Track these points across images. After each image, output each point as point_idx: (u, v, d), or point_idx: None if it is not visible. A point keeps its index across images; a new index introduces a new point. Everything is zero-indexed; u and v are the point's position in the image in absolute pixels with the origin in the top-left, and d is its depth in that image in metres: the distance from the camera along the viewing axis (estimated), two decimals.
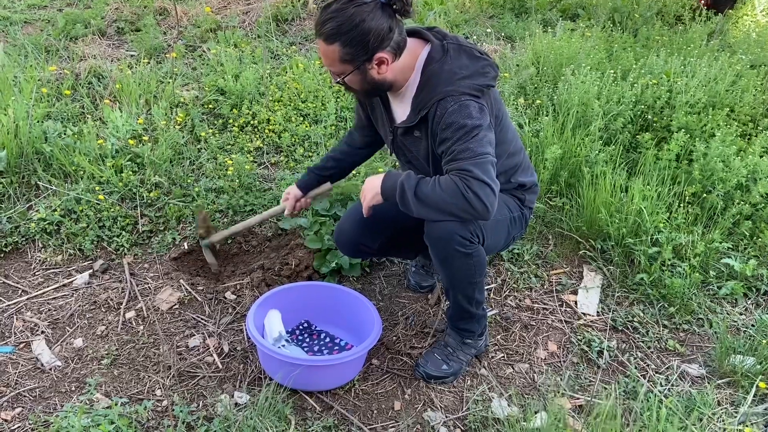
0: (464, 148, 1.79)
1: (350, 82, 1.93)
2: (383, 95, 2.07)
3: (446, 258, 1.97)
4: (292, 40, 4.51)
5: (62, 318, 2.43)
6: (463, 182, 1.77)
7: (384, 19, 1.80)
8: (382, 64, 1.86)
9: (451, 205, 1.80)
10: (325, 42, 1.83)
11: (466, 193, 1.76)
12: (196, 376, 2.21)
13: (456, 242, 1.92)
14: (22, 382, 2.14)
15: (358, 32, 1.78)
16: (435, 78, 1.89)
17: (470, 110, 1.83)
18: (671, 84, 3.33)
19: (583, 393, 2.23)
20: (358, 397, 2.17)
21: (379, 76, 1.90)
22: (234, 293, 2.58)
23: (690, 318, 2.56)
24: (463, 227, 1.91)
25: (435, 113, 1.87)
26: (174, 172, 3.06)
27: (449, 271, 2.02)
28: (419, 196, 1.83)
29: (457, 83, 1.86)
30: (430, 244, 1.98)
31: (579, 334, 2.47)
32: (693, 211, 2.84)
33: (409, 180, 1.85)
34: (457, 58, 1.91)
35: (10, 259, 2.69)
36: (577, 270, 2.80)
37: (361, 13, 1.77)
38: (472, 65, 1.91)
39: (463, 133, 1.81)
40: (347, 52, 1.82)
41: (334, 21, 1.78)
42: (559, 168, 2.98)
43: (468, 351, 2.27)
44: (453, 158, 1.81)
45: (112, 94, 3.56)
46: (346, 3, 1.78)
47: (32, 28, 4.47)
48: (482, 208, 1.77)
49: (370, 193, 1.95)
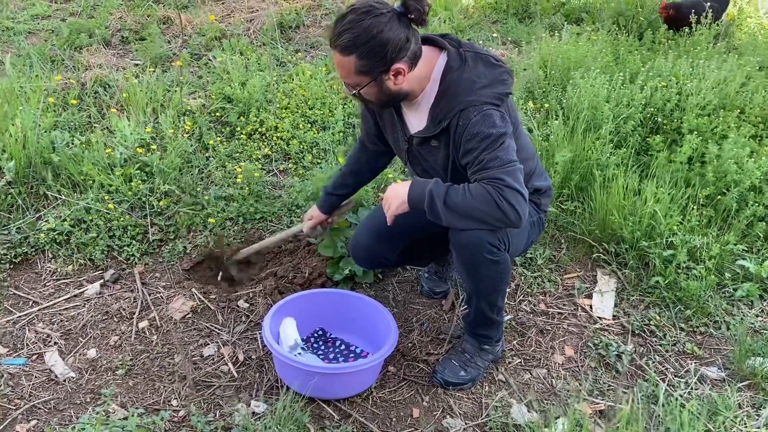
0: (493, 157, 1.78)
1: (366, 94, 1.90)
2: (396, 105, 2.06)
3: (473, 265, 1.95)
4: (296, 48, 4.50)
5: (75, 329, 2.40)
6: (496, 191, 1.75)
7: (401, 30, 1.79)
8: (398, 75, 1.84)
9: (484, 214, 1.78)
10: (341, 53, 1.80)
11: (499, 202, 1.75)
12: (212, 386, 2.18)
13: (485, 250, 1.90)
14: (36, 394, 2.12)
15: (376, 43, 1.76)
16: (454, 87, 1.87)
17: (494, 119, 1.82)
18: (680, 86, 3.33)
19: (603, 398, 2.21)
20: (376, 405, 2.15)
21: (395, 87, 1.88)
22: (247, 301, 2.56)
23: (707, 320, 2.54)
24: (491, 234, 1.89)
25: (457, 124, 1.85)
26: (183, 180, 3.05)
27: (475, 279, 2.00)
28: (449, 204, 1.81)
29: (478, 92, 1.84)
30: (457, 251, 1.95)
31: (596, 338, 2.45)
32: (707, 214, 2.82)
33: (438, 188, 1.83)
34: (474, 66, 1.89)
35: (20, 270, 2.67)
36: (591, 274, 2.79)
37: (378, 24, 1.75)
38: (490, 73, 1.90)
39: (489, 142, 1.79)
40: (364, 63, 1.80)
41: (350, 32, 1.76)
42: (570, 171, 2.97)
43: (486, 357, 2.25)
44: (482, 168, 1.79)
45: (118, 103, 3.55)
46: (363, 14, 1.76)
47: (36, 38, 4.46)
48: (515, 216, 1.76)
49: (395, 202, 1.91)
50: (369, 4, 1.78)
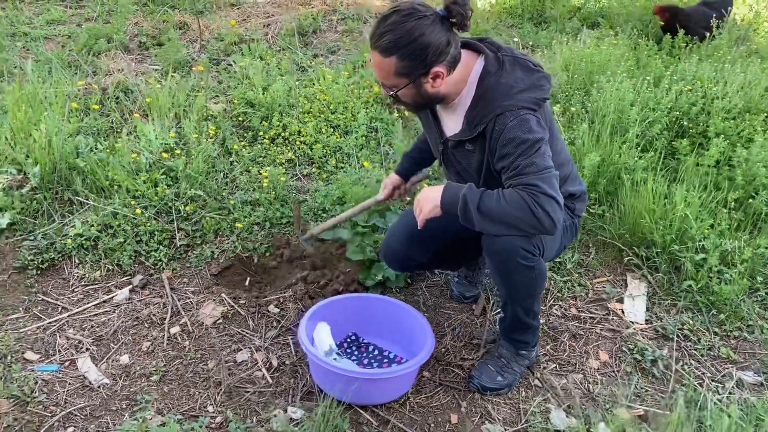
0: (529, 163, 1.77)
1: (403, 96, 1.90)
2: (432, 108, 2.05)
3: (507, 271, 1.94)
4: (315, 52, 4.50)
5: (106, 335, 2.39)
6: (531, 197, 1.74)
7: (443, 33, 1.78)
8: (437, 78, 1.84)
9: (518, 220, 1.77)
10: (381, 55, 1.80)
11: (534, 209, 1.73)
12: (247, 392, 2.17)
13: (519, 255, 1.89)
14: (72, 401, 2.10)
15: (417, 46, 1.76)
16: (492, 92, 1.86)
17: (530, 124, 1.80)
18: (705, 90, 3.32)
19: (641, 403, 2.19)
20: (414, 411, 2.13)
21: (432, 90, 1.87)
22: (277, 306, 2.54)
23: (741, 325, 2.52)
24: (526, 240, 1.88)
25: (494, 128, 1.84)
26: (208, 185, 3.04)
27: (510, 284, 1.99)
28: (482, 209, 1.80)
29: (515, 97, 1.83)
30: (491, 257, 1.94)
31: (630, 342, 2.44)
32: (736, 217, 2.81)
33: (471, 193, 1.82)
34: (512, 71, 1.88)
35: (48, 275, 2.66)
36: (621, 278, 2.77)
37: (420, 26, 1.75)
38: (527, 78, 1.88)
39: (525, 147, 1.78)
40: (404, 65, 1.80)
41: (392, 33, 1.75)
42: (597, 175, 2.95)
43: (522, 362, 2.23)
44: (518, 173, 1.78)
45: (141, 108, 3.54)
46: (406, 15, 1.75)
47: (53, 44, 4.46)
48: (550, 223, 1.75)
49: (428, 206, 1.90)
50: (412, 6, 1.77)
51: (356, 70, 4.02)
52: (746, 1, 5.25)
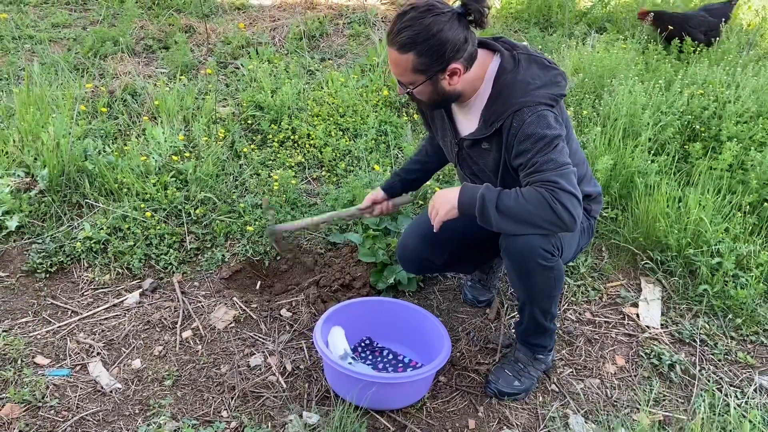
0: (547, 159, 1.75)
1: (419, 93, 1.88)
2: (447, 106, 2.03)
3: (527, 272, 1.91)
4: (322, 56, 4.48)
5: (117, 339, 2.36)
6: (550, 194, 1.72)
7: (460, 30, 1.77)
8: (454, 75, 1.83)
9: (538, 218, 1.75)
10: (399, 51, 1.78)
11: (554, 205, 1.71)
12: (261, 396, 2.14)
13: (539, 256, 1.86)
14: (84, 406, 2.07)
15: (435, 42, 1.75)
16: (508, 89, 1.84)
17: (548, 120, 1.79)
18: (717, 94, 3.31)
19: (661, 408, 2.16)
20: (431, 416, 2.10)
21: (449, 87, 1.86)
22: (289, 310, 2.52)
23: (757, 329, 2.50)
24: (545, 240, 1.86)
25: (511, 125, 1.82)
26: (218, 188, 3.01)
27: (528, 286, 1.96)
28: (501, 209, 1.77)
29: (532, 93, 1.82)
30: (510, 258, 1.92)
31: (646, 347, 2.41)
32: (750, 221, 2.79)
33: (489, 192, 1.80)
34: (528, 68, 1.87)
35: (56, 279, 2.63)
36: (635, 282, 2.75)
37: (438, 22, 1.74)
38: (544, 75, 1.88)
39: (544, 144, 1.77)
40: (422, 62, 1.79)
41: (410, 29, 1.74)
42: (610, 179, 2.94)
43: (538, 366, 2.21)
44: (536, 170, 1.76)
45: (149, 111, 3.52)
46: (424, 11, 1.74)
47: (59, 47, 4.44)
48: (570, 219, 1.73)
49: (444, 207, 1.88)
50: (430, 2, 1.76)
51: (365, 74, 4.00)
52: (752, 7, 5.25)
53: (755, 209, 2.87)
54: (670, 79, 3.55)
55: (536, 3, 5.13)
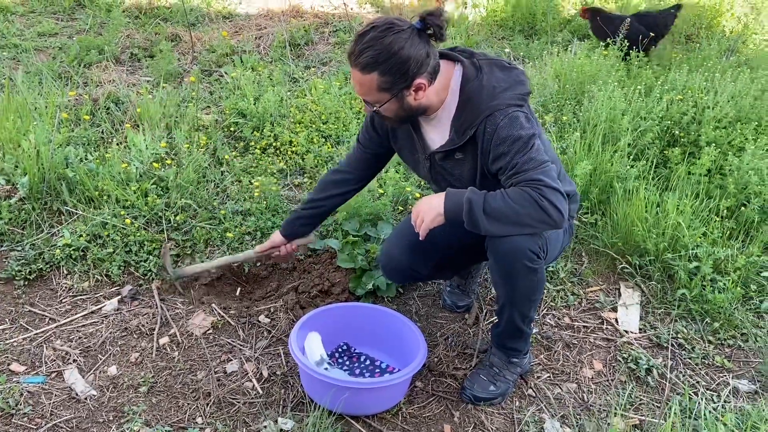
0: (527, 159, 1.77)
1: (385, 111, 1.90)
2: (414, 123, 2.04)
3: (511, 274, 1.91)
4: (307, 64, 4.50)
5: (94, 346, 2.35)
6: (536, 192, 1.73)
7: (421, 45, 1.79)
8: (419, 90, 1.84)
9: (526, 217, 1.76)
10: (362, 71, 1.80)
11: (541, 202, 1.73)
12: (237, 403, 2.13)
13: (526, 257, 1.86)
14: (58, 413, 2.06)
15: (397, 60, 1.77)
16: (476, 96, 1.86)
17: (521, 121, 1.81)
18: (696, 100, 3.34)
19: (636, 412, 2.17)
20: (406, 421, 2.10)
21: (415, 103, 1.88)
22: (268, 316, 2.51)
23: (735, 333, 2.51)
24: (532, 241, 1.86)
25: (485, 130, 1.84)
26: (199, 195, 3.01)
27: (511, 288, 1.96)
28: (489, 211, 1.78)
29: (500, 96, 1.84)
30: (496, 259, 1.92)
31: (624, 351, 2.42)
32: (728, 226, 2.81)
33: (475, 196, 1.80)
34: (491, 72, 1.90)
35: (35, 286, 2.62)
36: (614, 287, 2.76)
37: (399, 40, 1.75)
38: (507, 76, 1.90)
39: (521, 144, 1.78)
40: (386, 80, 1.80)
41: (372, 49, 1.76)
42: (589, 184, 2.95)
43: (514, 370, 2.21)
44: (517, 171, 1.78)
45: (132, 119, 3.52)
46: (384, 31, 1.76)
47: (44, 56, 4.44)
48: (557, 215, 1.75)
49: (429, 215, 1.86)
50: (389, 21, 1.78)
51: (348, 81, 4.02)
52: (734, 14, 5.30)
53: (733, 214, 2.89)
54: (650, 85, 3.57)
55: (521, 11, 5.16)
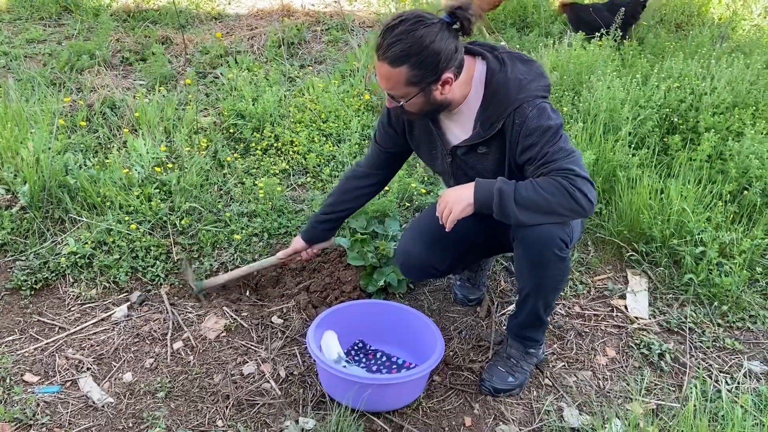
0: (557, 149, 1.79)
1: (411, 105, 1.89)
2: (434, 118, 2.04)
3: (541, 263, 1.91)
4: (302, 63, 4.48)
5: (107, 353, 2.33)
6: (567, 181, 1.75)
7: (451, 39, 1.79)
8: (446, 85, 1.85)
9: (557, 206, 1.77)
10: (391, 65, 1.79)
11: (573, 192, 1.74)
12: (256, 404, 2.13)
13: (555, 246, 1.86)
14: (76, 422, 2.05)
15: (429, 53, 1.77)
16: (503, 88, 1.87)
17: (548, 111, 1.84)
18: (693, 87, 3.37)
19: (653, 397, 2.19)
20: (427, 415, 2.10)
21: (441, 97, 1.88)
22: (280, 317, 2.51)
23: (743, 315, 2.54)
24: (562, 230, 1.86)
25: (513, 122, 1.85)
26: (203, 198, 2.99)
27: (540, 277, 1.96)
28: (520, 201, 1.78)
29: (526, 88, 1.85)
30: (525, 248, 1.91)
31: (636, 338, 2.44)
32: (731, 210, 2.84)
33: (506, 185, 1.80)
34: (514, 66, 1.90)
35: (42, 296, 2.59)
36: (621, 275, 2.78)
37: (430, 34, 1.75)
38: (529, 69, 1.91)
39: (550, 134, 1.80)
40: (415, 74, 1.80)
41: (402, 43, 1.75)
42: (593, 174, 2.97)
43: (531, 361, 2.22)
44: (547, 160, 1.79)
45: (129, 124, 3.49)
46: (414, 24, 1.76)
47: (34, 63, 4.39)
48: (588, 204, 1.77)
49: (459, 206, 1.85)
50: (418, 14, 1.78)
51: (345, 79, 4.01)
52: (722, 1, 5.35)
53: (735, 198, 2.92)
54: (646, 73, 3.60)
55: (511, 4, 5.17)
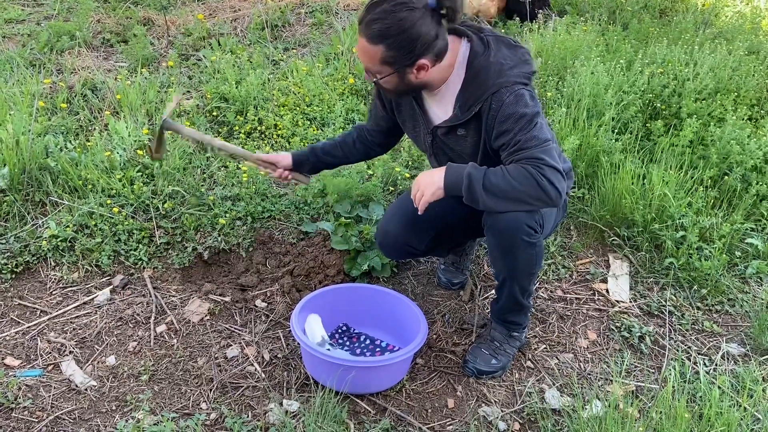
0: (530, 137, 1.78)
1: (385, 83, 1.89)
2: (417, 97, 2.04)
3: (510, 249, 1.93)
4: (286, 46, 4.44)
5: (89, 336, 2.32)
6: (536, 170, 1.75)
7: (432, 26, 1.77)
8: (421, 70, 1.84)
9: (524, 194, 1.78)
10: (369, 42, 1.79)
11: (540, 180, 1.74)
12: (240, 387, 2.13)
13: (523, 232, 1.88)
14: (59, 405, 2.04)
15: (406, 37, 1.76)
16: (483, 72, 1.86)
17: (526, 99, 1.82)
18: (676, 72, 3.39)
19: (632, 378, 2.22)
20: (410, 397, 2.12)
21: (417, 80, 1.88)
22: (264, 300, 2.51)
23: (722, 299, 2.58)
24: (529, 217, 1.88)
25: (490, 107, 1.84)
26: (186, 181, 2.97)
27: (511, 262, 1.99)
28: (488, 187, 1.79)
29: (507, 74, 1.84)
30: (494, 235, 1.94)
31: (616, 321, 2.47)
32: (712, 195, 2.87)
33: (475, 171, 1.81)
34: (498, 49, 1.90)
35: (23, 279, 2.57)
36: (603, 259, 2.81)
37: (411, 18, 1.74)
38: (514, 54, 1.91)
39: (525, 122, 1.80)
40: (390, 55, 1.79)
41: (382, 22, 1.74)
42: (576, 159, 2.99)
43: (514, 344, 2.25)
44: (519, 148, 1.79)
45: (111, 106, 3.45)
46: (397, 5, 1.74)
47: (13, 43, 4.31)
48: (556, 194, 1.77)
49: (430, 189, 1.87)
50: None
51: (329, 62, 3.99)
52: None
53: (716, 183, 2.96)
54: (630, 59, 3.62)
55: None
